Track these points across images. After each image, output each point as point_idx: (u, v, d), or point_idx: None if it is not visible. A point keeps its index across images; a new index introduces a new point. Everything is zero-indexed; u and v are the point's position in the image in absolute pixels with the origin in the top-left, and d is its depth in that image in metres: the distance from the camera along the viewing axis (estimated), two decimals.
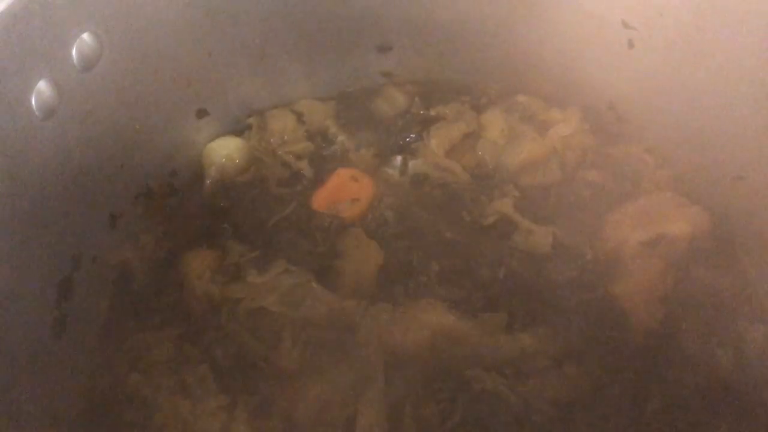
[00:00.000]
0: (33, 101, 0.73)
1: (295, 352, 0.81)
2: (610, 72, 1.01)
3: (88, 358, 0.85)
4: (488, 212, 0.96)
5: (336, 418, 0.77)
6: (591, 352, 0.82)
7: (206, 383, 0.80)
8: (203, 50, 0.98)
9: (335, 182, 1.01)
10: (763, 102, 0.84)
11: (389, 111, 1.11)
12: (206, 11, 0.95)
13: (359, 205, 0.97)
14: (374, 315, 0.82)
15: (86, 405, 0.81)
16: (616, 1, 0.94)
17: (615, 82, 1.02)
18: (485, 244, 0.92)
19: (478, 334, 0.81)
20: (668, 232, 0.89)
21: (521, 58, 1.08)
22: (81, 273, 0.85)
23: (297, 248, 0.92)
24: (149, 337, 0.86)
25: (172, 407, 0.78)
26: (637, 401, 0.79)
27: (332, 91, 1.14)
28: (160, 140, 0.98)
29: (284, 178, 1.03)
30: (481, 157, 1.03)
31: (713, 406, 0.78)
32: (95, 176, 0.86)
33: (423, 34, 1.09)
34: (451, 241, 0.93)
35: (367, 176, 1.01)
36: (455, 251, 0.92)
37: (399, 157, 1.04)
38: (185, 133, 1.03)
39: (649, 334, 0.83)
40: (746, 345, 0.83)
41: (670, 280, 0.87)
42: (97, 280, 0.89)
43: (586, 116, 1.03)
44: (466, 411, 0.77)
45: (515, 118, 1.04)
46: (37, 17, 0.72)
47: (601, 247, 0.91)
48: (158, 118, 0.96)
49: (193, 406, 0.78)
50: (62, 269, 0.82)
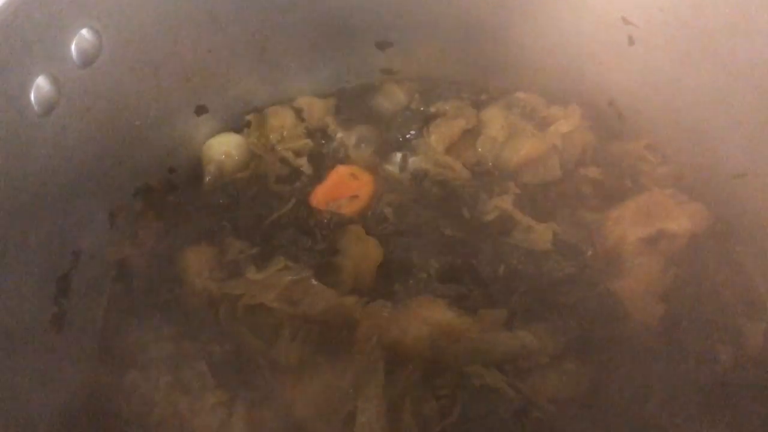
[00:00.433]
0: (32, 97, 0.73)
1: (294, 349, 0.81)
2: (611, 69, 1.01)
3: (87, 355, 0.85)
4: (488, 209, 0.96)
5: (335, 415, 0.76)
6: (591, 349, 0.81)
7: (205, 379, 0.80)
8: (203, 47, 0.98)
9: (335, 179, 1.01)
10: (764, 99, 0.84)
11: (389, 108, 1.11)
12: (206, 8, 0.95)
13: (359, 202, 0.97)
14: (374, 312, 0.82)
15: (85, 401, 0.81)
16: None
17: (615, 79, 1.02)
18: (485, 241, 0.92)
19: (478, 331, 0.81)
20: (668, 229, 0.89)
21: (522, 55, 1.07)
22: (80, 269, 0.85)
23: (296, 245, 0.92)
24: (148, 334, 0.85)
25: (171, 403, 0.78)
26: (637, 397, 0.79)
27: (332, 88, 1.14)
28: (160, 136, 0.98)
29: (283, 175, 1.02)
30: (481, 154, 1.02)
31: (712, 403, 0.78)
32: (94, 172, 0.86)
33: (423, 31, 1.08)
34: (451, 238, 0.93)
35: (367, 173, 1.01)
36: (455, 248, 0.92)
37: (399, 154, 1.04)
38: (184, 130, 1.02)
39: (649, 331, 0.83)
40: (746, 342, 0.83)
41: (670, 277, 0.87)
42: (96, 277, 0.89)
43: (587, 113, 1.02)
44: (466, 407, 0.77)
45: (515, 115, 1.04)
46: (37, 13, 0.72)
47: (601, 244, 0.91)
48: (157, 115, 0.96)
49: (192, 402, 0.78)
50: (61, 265, 0.83)
